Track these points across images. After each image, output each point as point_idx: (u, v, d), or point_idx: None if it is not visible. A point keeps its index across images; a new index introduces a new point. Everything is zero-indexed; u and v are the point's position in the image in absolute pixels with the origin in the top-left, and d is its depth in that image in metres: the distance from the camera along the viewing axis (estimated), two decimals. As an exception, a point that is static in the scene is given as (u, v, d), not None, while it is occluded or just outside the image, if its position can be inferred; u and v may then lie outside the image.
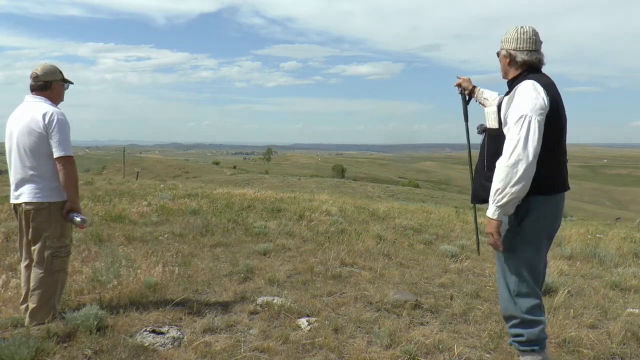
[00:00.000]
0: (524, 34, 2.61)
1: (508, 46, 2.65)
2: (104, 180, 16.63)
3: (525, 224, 2.56)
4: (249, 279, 4.56)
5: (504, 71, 2.74)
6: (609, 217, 36.68)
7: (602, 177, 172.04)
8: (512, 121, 2.44)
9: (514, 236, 2.60)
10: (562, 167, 2.62)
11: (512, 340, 2.72)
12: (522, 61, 2.62)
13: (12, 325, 3.20)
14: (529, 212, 2.55)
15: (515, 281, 2.62)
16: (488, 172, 2.61)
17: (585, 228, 9.36)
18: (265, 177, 55.41)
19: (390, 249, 6.09)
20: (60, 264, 3.30)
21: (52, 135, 3.19)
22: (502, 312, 2.73)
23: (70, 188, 3.24)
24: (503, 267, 2.67)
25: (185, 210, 8.00)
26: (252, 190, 12.16)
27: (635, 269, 5.59)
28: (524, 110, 2.42)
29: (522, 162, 2.38)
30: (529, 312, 2.60)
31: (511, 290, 2.63)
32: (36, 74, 3.32)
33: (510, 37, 2.65)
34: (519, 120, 2.41)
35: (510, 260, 2.63)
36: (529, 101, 2.43)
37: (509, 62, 2.67)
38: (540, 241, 2.62)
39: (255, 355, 2.95)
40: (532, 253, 2.61)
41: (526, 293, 2.61)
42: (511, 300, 2.63)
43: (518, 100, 2.47)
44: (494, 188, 2.46)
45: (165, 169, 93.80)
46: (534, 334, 2.60)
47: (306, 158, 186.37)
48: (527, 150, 2.38)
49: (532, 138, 2.39)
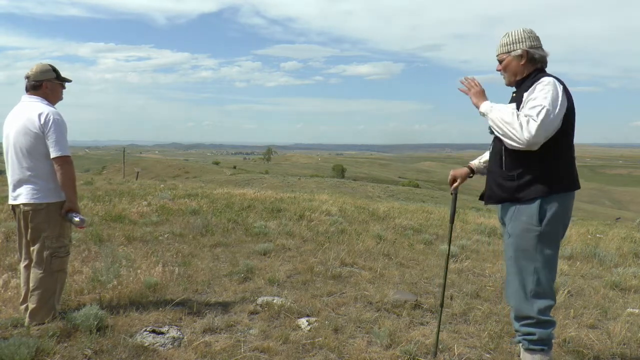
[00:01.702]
0: (530, 33, 2.64)
1: (522, 46, 2.63)
2: (103, 180, 16.64)
3: (547, 223, 2.53)
4: (249, 279, 4.56)
5: (514, 73, 2.68)
6: (609, 217, 36.67)
7: (602, 177, 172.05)
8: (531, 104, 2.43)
9: (536, 236, 2.56)
10: (574, 165, 2.67)
11: (522, 338, 2.68)
12: (540, 57, 2.63)
13: (12, 325, 3.20)
14: (550, 210, 2.53)
15: (534, 281, 2.59)
16: (507, 172, 2.61)
17: (585, 228, 9.36)
18: (265, 177, 55.42)
19: (390, 249, 6.09)
20: (59, 264, 3.30)
21: (48, 136, 3.18)
22: (516, 312, 2.68)
23: (67, 188, 3.23)
24: (521, 266, 2.62)
25: (185, 210, 8.00)
26: (252, 190, 12.17)
27: (635, 269, 5.59)
28: (545, 102, 2.40)
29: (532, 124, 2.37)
30: (544, 313, 2.59)
31: (528, 290, 2.60)
32: (28, 74, 3.33)
33: (520, 37, 2.64)
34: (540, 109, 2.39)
35: (531, 261, 2.59)
36: (550, 94, 2.42)
37: (524, 62, 2.64)
38: (559, 240, 2.63)
39: (255, 355, 2.95)
40: (553, 252, 2.60)
41: (543, 294, 2.59)
42: (527, 301, 2.60)
43: (540, 93, 2.45)
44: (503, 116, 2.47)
45: (165, 169, 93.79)
46: (546, 334, 2.60)
47: (306, 158, 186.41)
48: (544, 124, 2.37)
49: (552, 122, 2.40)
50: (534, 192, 2.53)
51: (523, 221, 2.57)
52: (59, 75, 3.40)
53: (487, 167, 2.91)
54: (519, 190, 2.58)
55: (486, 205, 2.89)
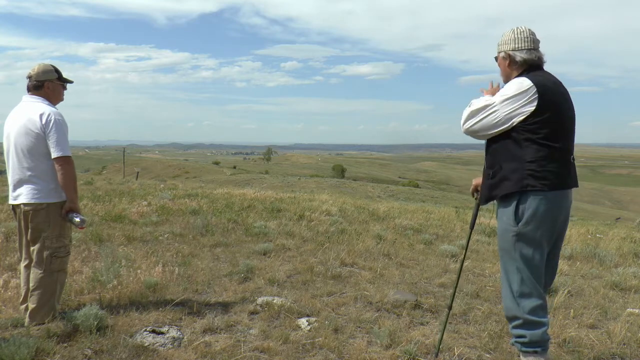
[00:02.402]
0: (520, 34, 2.63)
1: (506, 48, 2.66)
2: (104, 180, 16.64)
3: (524, 223, 2.54)
4: (249, 279, 4.56)
5: (505, 75, 2.73)
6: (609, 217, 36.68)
7: (602, 177, 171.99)
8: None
9: (513, 236, 2.59)
10: (561, 164, 2.56)
11: (514, 341, 2.70)
12: (521, 60, 2.63)
13: (12, 325, 3.20)
14: (526, 210, 2.53)
15: (517, 281, 2.61)
16: (487, 169, 2.69)
17: (585, 228, 9.36)
18: (265, 177, 55.42)
19: (390, 249, 6.09)
20: (59, 264, 3.30)
21: (49, 136, 3.17)
22: (505, 312, 2.71)
23: (68, 188, 3.22)
24: (505, 267, 2.66)
25: (185, 210, 8.01)
26: (252, 190, 12.17)
27: (635, 269, 5.58)
28: (495, 98, 2.57)
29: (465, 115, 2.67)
30: (532, 313, 2.58)
31: (514, 290, 2.62)
32: (30, 74, 3.33)
33: (507, 38, 2.67)
34: (483, 101, 2.61)
35: (512, 260, 2.62)
36: (507, 92, 2.54)
37: (508, 64, 2.68)
38: (540, 240, 2.58)
39: (255, 355, 2.95)
40: (531, 252, 2.58)
41: (528, 293, 2.59)
42: (514, 300, 2.62)
43: (502, 90, 2.60)
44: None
45: (165, 169, 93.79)
46: (537, 336, 2.59)
47: (306, 158, 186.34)
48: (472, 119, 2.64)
49: (482, 116, 2.59)
50: (505, 189, 2.58)
51: (504, 221, 2.62)
52: (60, 75, 3.40)
53: None
54: (493, 188, 2.64)
55: (482, 205, 2.92)
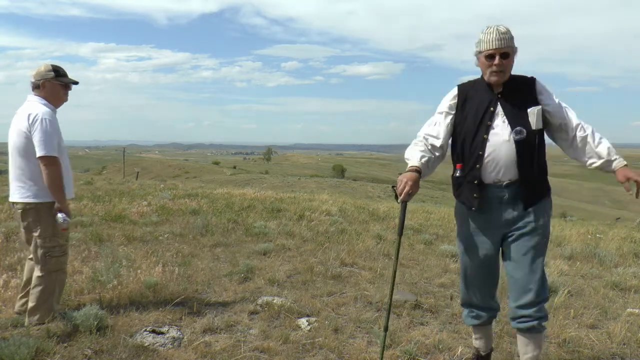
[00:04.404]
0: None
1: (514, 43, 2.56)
2: (104, 180, 16.65)
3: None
4: (249, 279, 4.56)
5: (509, 68, 2.59)
6: (609, 217, 36.66)
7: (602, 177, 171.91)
8: (564, 105, 2.63)
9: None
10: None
11: (541, 322, 2.59)
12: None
13: (12, 325, 3.20)
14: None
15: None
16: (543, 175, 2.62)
17: (585, 228, 9.35)
18: (265, 177, 55.42)
19: (390, 249, 6.09)
20: (55, 263, 3.28)
21: (33, 135, 3.15)
22: (537, 297, 2.57)
23: (52, 188, 3.17)
24: (543, 253, 2.64)
25: (185, 210, 8.01)
26: (252, 190, 12.16)
27: (635, 269, 5.58)
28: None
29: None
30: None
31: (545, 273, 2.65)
32: (32, 73, 3.34)
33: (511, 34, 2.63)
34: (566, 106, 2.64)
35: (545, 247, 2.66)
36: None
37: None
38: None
39: (255, 355, 2.96)
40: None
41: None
42: (545, 282, 2.60)
43: (551, 91, 2.62)
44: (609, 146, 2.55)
45: (165, 169, 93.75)
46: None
47: (306, 158, 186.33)
48: None
49: None
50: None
51: (549, 215, 2.72)
52: (58, 74, 3.33)
53: None
54: None
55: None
